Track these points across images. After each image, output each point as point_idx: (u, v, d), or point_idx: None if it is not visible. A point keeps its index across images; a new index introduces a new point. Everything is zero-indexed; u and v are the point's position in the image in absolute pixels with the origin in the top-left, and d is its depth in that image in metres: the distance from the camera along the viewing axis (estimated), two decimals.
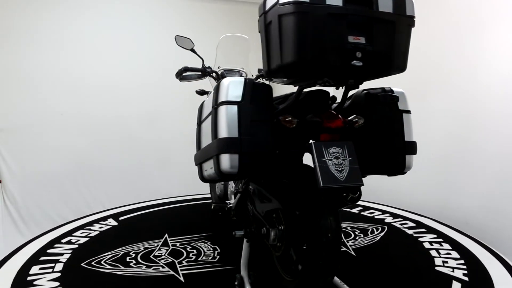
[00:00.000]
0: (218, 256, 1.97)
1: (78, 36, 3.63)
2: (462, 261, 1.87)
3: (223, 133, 1.21)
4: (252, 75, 2.49)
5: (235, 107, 1.22)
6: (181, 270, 1.81)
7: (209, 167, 1.34)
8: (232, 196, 1.94)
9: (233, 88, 1.24)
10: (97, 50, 3.71)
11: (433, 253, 2.00)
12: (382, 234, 2.30)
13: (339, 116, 1.30)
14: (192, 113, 2.47)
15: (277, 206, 1.41)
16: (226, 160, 1.19)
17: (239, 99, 1.23)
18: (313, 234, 1.24)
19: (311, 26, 1.06)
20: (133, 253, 2.00)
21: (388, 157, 1.35)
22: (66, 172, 3.64)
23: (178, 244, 2.13)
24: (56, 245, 2.11)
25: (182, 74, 2.29)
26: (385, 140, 1.35)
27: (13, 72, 3.44)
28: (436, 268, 1.81)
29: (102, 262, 1.89)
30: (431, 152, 2.58)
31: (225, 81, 1.27)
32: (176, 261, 1.90)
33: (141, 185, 3.86)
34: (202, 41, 2.44)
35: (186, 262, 1.90)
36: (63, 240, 2.19)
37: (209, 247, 2.09)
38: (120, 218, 2.63)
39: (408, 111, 1.39)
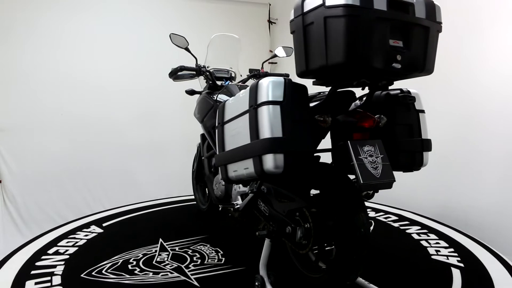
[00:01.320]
0: (223, 258, 1.94)
1: (78, 36, 3.63)
2: (452, 249, 1.98)
3: (266, 133, 1.22)
4: (241, 75, 2.49)
5: (277, 107, 1.24)
6: (191, 274, 1.76)
7: (242, 168, 1.36)
8: (239, 197, 1.93)
9: (274, 88, 1.26)
10: (98, 50, 3.71)
11: (424, 243, 2.08)
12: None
13: (373, 115, 1.35)
14: (191, 114, 2.48)
15: (302, 205, 1.44)
16: (271, 160, 1.21)
17: (281, 99, 1.25)
18: (346, 230, 1.29)
19: (361, 29, 1.10)
20: (133, 260, 1.92)
21: (409, 154, 1.43)
22: (66, 172, 3.64)
23: (177, 249, 2.07)
24: (44, 257, 1.94)
25: (177, 74, 2.29)
26: (406, 138, 1.43)
27: (13, 72, 3.44)
28: (432, 257, 1.88)
29: (103, 271, 1.79)
30: (431, 152, 2.58)
31: (264, 81, 1.28)
32: (182, 266, 1.85)
33: (141, 185, 3.87)
34: (203, 41, 2.44)
35: (193, 266, 1.85)
36: (50, 251, 2.02)
37: (211, 249, 2.06)
38: (104, 225, 2.49)
39: (422, 111, 1.48)
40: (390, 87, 1.44)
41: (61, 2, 3.56)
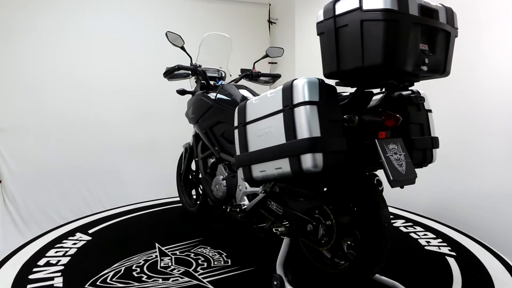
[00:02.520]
0: (229, 260, 1.92)
1: (78, 36, 3.63)
2: (450, 247, 1.99)
3: (305, 133, 1.25)
4: (230, 75, 2.47)
5: (314, 107, 1.27)
6: (203, 278, 1.72)
7: (272, 168, 1.39)
8: (245, 198, 1.92)
9: (310, 88, 1.28)
10: (98, 50, 3.71)
11: (423, 242, 2.10)
12: None
13: (397, 115, 1.41)
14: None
15: (321, 203, 1.48)
16: (310, 160, 1.24)
17: (317, 99, 1.28)
18: (371, 224, 1.36)
19: (399, 32, 1.16)
20: (136, 266, 1.83)
21: (422, 151, 1.50)
22: (66, 172, 3.64)
23: (178, 253, 2.01)
24: (35, 270, 1.79)
25: (174, 73, 2.28)
26: (418, 136, 1.49)
27: (13, 72, 3.44)
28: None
29: (108, 280, 1.70)
30: None
31: (299, 82, 1.30)
32: (190, 270, 1.80)
33: (141, 185, 3.87)
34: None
35: (201, 269, 1.81)
36: (40, 263, 1.87)
37: (213, 252, 2.03)
38: (90, 231, 2.36)
39: (430, 110, 1.55)
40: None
41: (61, 2, 3.56)
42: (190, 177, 2.69)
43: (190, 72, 2.35)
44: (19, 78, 3.46)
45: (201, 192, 2.67)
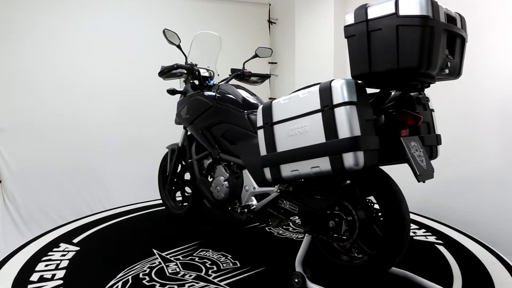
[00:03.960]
0: (236, 262, 1.89)
1: (78, 36, 3.63)
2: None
3: (347, 132, 1.32)
4: (218, 74, 2.45)
5: (354, 107, 1.33)
6: (219, 281, 1.68)
7: (308, 167, 1.44)
8: (252, 198, 1.92)
9: (349, 89, 1.34)
10: (98, 50, 3.71)
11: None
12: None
13: (418, 114, 1.48)
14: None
15: (342, 199, 1.56)
16: (353, 158, 1.31)
17: (355, 99, 1.34)
18: (393, 217, 1.46)
19: (433, 38, 1.24)
20: (144, 275, 1.74)
21: (429, 148, 1.58)
22: (66, 172, 3.64)
23: (180, 258, 1.94)
24: (31, 286, 1.65)
25: (171, 72, 2.26)
26: (426, 134, 1.58)
27: (13, 72, 3.44)
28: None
29: None
30: None
31: (337, 83, 1.36)
32: (202, 274, 1.75)
33: (142, 185, 3.86)
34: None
35: (213, 273, 1.76)
36: (33, 279, 1.71)
37: (218, 254, 1.99)
38: (75, 241, 2.19)
39: (433, 110, 1.64)
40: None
41: (61, 2, 3.56)
42: (176, 179, 2.63)
43: (185, 72, 2.31)
44: (19, 78, 3.46)
45: (187, 194, 2.63)
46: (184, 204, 2.64)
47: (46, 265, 1.85)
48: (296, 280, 1.58)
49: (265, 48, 2.43)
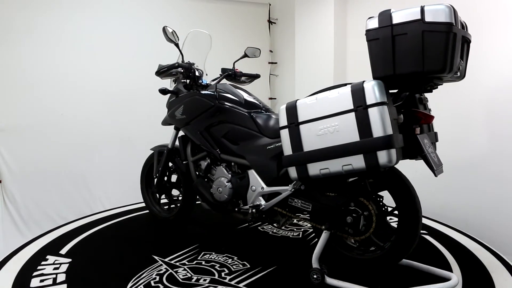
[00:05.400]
0: (245, 262, 1.88)
1: (78, 36, 3.63)
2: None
3: (381, 131, 1.40)
4: (206, 74, 2.42)
5: (386, 107, 1.41)
6: (236, 283, 1.66)
7: (339, 165, 1.50)
8: (260, 198, 1.93)
9: (380, 90, 1.42)
10: (98, 50, 3.71)
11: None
12: None
13: (430, 113, 1.59)
14: None
15: (358, 195, 1.64)
16: (386, 155, 1.39)
17: (386, 100, 1.42)
18: (409, 211, 1.57)
19: (455, 43, 1.35)
20: (155, 283, 1.67)
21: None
22: (66, 172, 3.64)
23: (186, 262, 1.89)
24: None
25: (171, 70, 2.24)
26: (428, 132, 1.66)
27: (13, 72, 3.44)
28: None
29: None
30: None
31: (369, 84, 1.44)
32: (216, 278, 1.71)
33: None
34: None
35: (226, 275, 1.74)
36: (33, 284, 1.64)
37: (223, 257, 1.96)
38: (62, 252, 2.01)
39: (430, 109, 1.72)
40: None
41: (61, 2, 3.56)
42: (163, 182, 2.56)
43: (182, 71, 2.26)
44: (19, 78, 3.46)
45: (175, 197, 2.59)
46: (171, 206, 2.58)
47: (41, 281, 1.69)
48: (315, 276, 1.61)
49: (254, 48, 2.45)
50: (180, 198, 2.58)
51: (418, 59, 1.35)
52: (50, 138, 3.57)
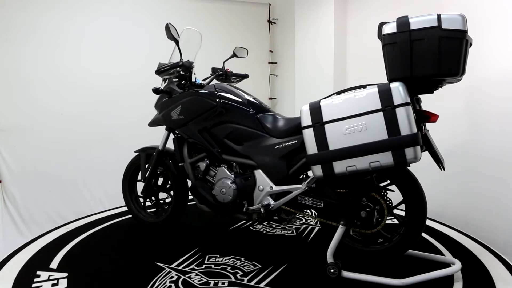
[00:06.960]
0: (255, 263, 1.88)
1: (79, 36, 3.63)
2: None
3: (408, 129, 1.49)
4: (194, 73, 2.36)
5: (410, 107, 1.51)
6: (255, 283, 1.66)
7: (366, 162, 1.56)
8: (268, 197, 1.93)
9: (404, 91, 1.51)
10: (98, 50, 3.71)
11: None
12: None
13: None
14: None
15: (370, 191, 1.74)
16: (413, 152, 1.49)
17: (409, 100, 1.51)
18: (417, 204, 1.69)
19: (467, 49, 1.50)
20: None
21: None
22: (66, 172, 3.64)
23: (195, 267, 1.84)
24: None
25: (173, 69, 2.22)
26: (424, 130, 1.74)
27: (12, 72, 3.44)
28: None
29: None
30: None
31: (395, 85, 1.52)
32: (233, 280, 1.69)
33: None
34: (203, 41, 2.44)
35: (242, 277, 1.73)
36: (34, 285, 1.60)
37: (230, 259, 1.94)
38: (53, 266, 1.84)
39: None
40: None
41: (61, 2, 3.56)
42: (151, 185, 2.46)
43: (180, 70, 2.21)
44: (19, 78, 3.46)
45: (163, 201, 2.50)
46: (158, 210, 2.49)
47: None
48: (332, 271, 1.68)
49: (241, 48, 2.48)
50: (167, 201, 2.52)
51: (435, 62, 1.45)
52: (50, 138, 3.57)
